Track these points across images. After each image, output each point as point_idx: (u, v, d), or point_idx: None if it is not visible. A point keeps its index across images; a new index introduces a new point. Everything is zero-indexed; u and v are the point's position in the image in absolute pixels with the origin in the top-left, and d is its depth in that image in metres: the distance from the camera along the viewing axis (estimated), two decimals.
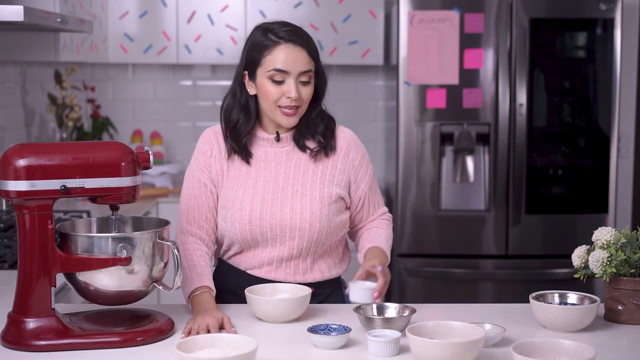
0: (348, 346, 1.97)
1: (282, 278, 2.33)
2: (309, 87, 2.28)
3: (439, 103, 4.13)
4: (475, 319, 2.10)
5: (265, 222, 2.29)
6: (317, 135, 2.34)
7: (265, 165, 2.33)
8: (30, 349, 1.91)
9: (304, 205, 2.29)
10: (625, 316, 2.14)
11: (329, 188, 2.33)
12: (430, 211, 4.16)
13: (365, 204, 2.42)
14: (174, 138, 5.00)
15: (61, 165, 1.93)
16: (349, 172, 2.37)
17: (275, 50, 2.24)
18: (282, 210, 2.29)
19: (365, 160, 2.41)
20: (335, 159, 2.36)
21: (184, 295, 2.22)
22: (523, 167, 4.15)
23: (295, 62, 2.24)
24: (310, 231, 2.29)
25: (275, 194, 2.31)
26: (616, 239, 2.15)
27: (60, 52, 3.65)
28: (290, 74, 2.24)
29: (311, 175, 2.33)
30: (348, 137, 2.39)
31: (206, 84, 4.98)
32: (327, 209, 2.31)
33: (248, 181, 2.32)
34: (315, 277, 2.36)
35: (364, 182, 2.39)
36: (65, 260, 1.94)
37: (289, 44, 2.24)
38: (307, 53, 2.26)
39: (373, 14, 4.63)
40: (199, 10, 4.59)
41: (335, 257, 2.41)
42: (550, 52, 4.14)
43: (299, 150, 2.34)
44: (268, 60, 2.25)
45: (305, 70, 2.26)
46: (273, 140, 2.35)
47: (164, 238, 2.00)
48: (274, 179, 2.32)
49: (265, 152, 2.34)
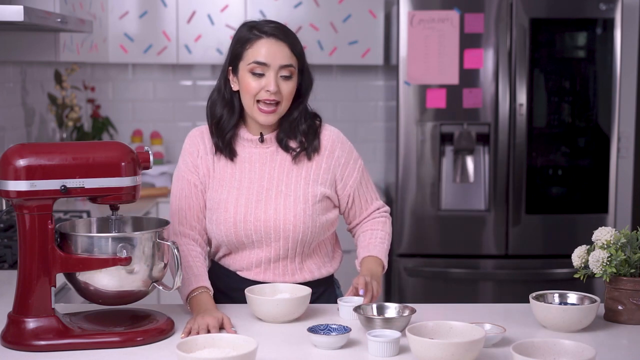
0: (348, 346, 1.97)
1: (272, 279, 2.32)
2: (290, 82, 2.27)
3: (439, 103, 4.13)
4: (475, 319, 2.10)
5: (250, 224, 2.28)
6: (299, 135, 2.33)
7: (249, 166, 2.33)
8: (30, 349, 1.91)
9: (287, 206, 2.28)
10: (625, 316, 2.14)
11: (313, 188, 2.31)
12: (430, 211, 4.16)
13: (357, 200, 2.41)
14: (174, 138, 5.00)
15: (61, 165, 1.93)
16: (334, 170, 2.35)
17: (257, 44, 2.25)
18: (266, 212, 2.28)
19: (352, 157, 2.39)
20: (319, 158, 2.34)
21: (181, 297, 2.22)
22: (523, 167, 4.15)
23: (276, 55, 2.24)
24: (294, 232, 2.28)
25: (260, 196, 2.30)
26: (616, 239, 2.15)
27: (60, 52, 3.65)
28: (270, 67, 2.24)
29: (295, 175, 2.32)
30: (332, 136, 2.37)
31: (206, 84, 4.98)
32: (312, 209, 2.29)
33: (233, 183, 2.32)
34: (305, 277, 2.35)
35: (351, 179, 2.38)
36: (65, 260, 1.94)
37: (270, 38, 2.25)
38: (289, 49, 2.26)
39: (373, 14, 4.63)
40: (199, 10, 4.59)
41: (324, 256, 2.40)
42: (550, 52, 4.14)
43: (282, 150, 2.33)
44: (249, 53, 2.26)
45: (286, 65, 2.25)
46: (257, 142, 2.34)
47: (164, 238, 2.00)
48: (258, 180, 2.31)
49: (250, 153, 2.34)
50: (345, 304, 2.17)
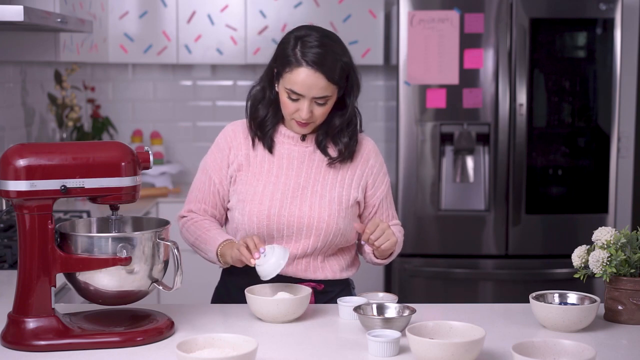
0: (348, 346, 1.97)
1: (293, 274, 2.34)
2: (324, 107, 2.29)
3: (439, 103, 4.13)
4: (475, 319, 2.10)
5: (284, 218, 2.31)
6: (340, 145, 2.37)
7: (288, 162, 2.37)
8: (30, 349, 1.91)
9: (322, 205, 2.32)
10: (625, 316, 2.14)
11: (347, 191, 2.36)
12: (430, 211, 4.16)
13: (379, 212, 2.43)
14: (174, 138, 5.00)
15: (61, 165, 1.93)
16: (367, 177, 2.40)
17: (295, 71, 2.24)
18: (301, 208, 2.32)
19: (382, 170, 2.45)
20: (355, 164, 2.39)
21: (210, 254, 2.29)
22: (523, 167, 4.15)
23: (311, 88, 2.24)
24: (326, 231, 2.31)
25: (296, 192, 2.34)
26: (616, 239, 2.15)
27: (60, 52, 3.65)
28: (305, 97, 2.26)
29: (331, 177, 2.36)
30: (369, 145, 2.45)
31: (206, 84, 4.98)
32: (345, 212, 2.34)
33: (270, 177, 2.35)
34: (327, 275, 2.38)
35: (379, 190, 2.42)
36: (65, 260, 1.94)
37: (309, 68, 2.23)
38: (327, 79, 2.24)
39: (373, 14, 4.63)
40: (199, 10, 4.59)
41: (348, 259, 2.43)
42: (550, 52, 4.14)
43: (320, 152, 2.37)
44: (287, 77, 2.26)
45: (320, 96, 2.27)
46: (298, 139, 2.38)
47: (164, 238, 2.00)
48: (295, 177, 2.35)
49: (290, 150, 2.38)
50: (345, 304, 2.17)
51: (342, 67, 2.27)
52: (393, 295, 2.27)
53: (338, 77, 2.26)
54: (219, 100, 4.96)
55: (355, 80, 2.34)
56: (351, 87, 2.34)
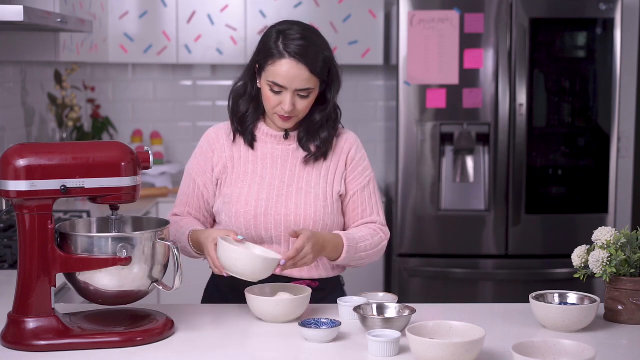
0: (348, 346, 1.97)
1: (287, 273, 2.34)
2: (307, 100, 2.29)
3: (439, 103, 4.13)
4: (475, 319, 2.10)
5: (270, 217, 2.31)
6: (319, 140, 2.37)
7: (272, 162, 2.37)
8: (30, 349, 1.91)
9: (308, 202, 2.32)
10: (625, 316, 2.14)
11: (331, 186, 2.37)
12: (430, 211, 4.16)
13: (354, 205, 2.40)
14: (174, 138, 5.00)
15: (61, 165, 1.93)
16: (347, 167, 2.40)
17: (278, 63, 2.24)
18: (287, 206, 2.32)
19: (363, 163, 2.42)
20: (336, 158, 2.39)
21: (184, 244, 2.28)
22: (523, 167, 4.15)
23: (294, 79, 2.25)
24: (313, 228, 2.31)
25: (281, 191, 2.34)
26: (616, 239, 2.15)
27: (60, 52, 3.65)
28: (288, 89, 2.26)
29: (315, 173, 2.37)
30: (350, 139, 2.43)
31: (206, 84, 4.98)
32: (330, 207, 2.34)
33: (254, 178, 2.35)
34: (321, 274, 2.38)
35: (357, 181, 2.40)
36: (65, 260, 1.94)
37: (292, 60, 2.24)
38: (309, 71, 2.25)
39: (373, 14, 4.63)
40: (199, 10, 4.59)
41: None
42: (550, 52, 4.14)
43: (303, 150, 2.38)
44: (270, 70, 2.26)
45: (303, 88, 2.27)
46: (281, 138, 2.38)
47: (164, 238, 2.00)
48: (279, 176, 2.35)
49: (273, 149, 2.38)
50: (345, 304, 2.18)
51: (324, 59, 2.28)
52: (393, 295, 2.27)
53: (320, 70, 2.27)
54: (219, 100, 4.95)
55: (336, 75, 2.35)
56: (332, 82, 2.34)
